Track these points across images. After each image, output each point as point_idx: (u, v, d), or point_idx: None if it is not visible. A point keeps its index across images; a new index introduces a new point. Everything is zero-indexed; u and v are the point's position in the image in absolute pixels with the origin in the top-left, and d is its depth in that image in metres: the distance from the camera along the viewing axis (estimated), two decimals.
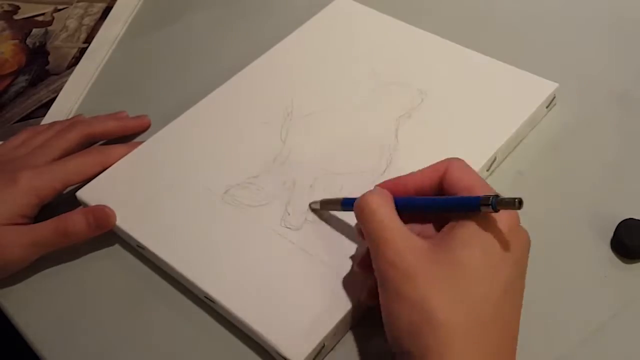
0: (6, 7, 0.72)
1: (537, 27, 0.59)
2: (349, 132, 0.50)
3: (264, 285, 0.42)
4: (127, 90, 0.61)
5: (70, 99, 0.60)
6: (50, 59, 0.65)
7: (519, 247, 0.35)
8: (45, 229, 0.45)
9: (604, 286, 0.41)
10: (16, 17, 0.71)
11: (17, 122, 0.59)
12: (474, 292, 0.33)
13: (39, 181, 0.47)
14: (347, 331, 0.41)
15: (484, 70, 0.53)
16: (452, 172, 0.37)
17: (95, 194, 0.48)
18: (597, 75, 0.54)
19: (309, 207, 0.45)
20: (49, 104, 0.60)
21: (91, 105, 0.60)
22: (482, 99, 0.50)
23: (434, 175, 0.38)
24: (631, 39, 0.57)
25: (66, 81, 0.62)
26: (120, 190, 0.48)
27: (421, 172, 0.39)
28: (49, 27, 0.69)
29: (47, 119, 0.59)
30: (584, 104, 0.52)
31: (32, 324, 0.44)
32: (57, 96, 0.61)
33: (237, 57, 0.58)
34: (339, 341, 0.41)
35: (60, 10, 0.71)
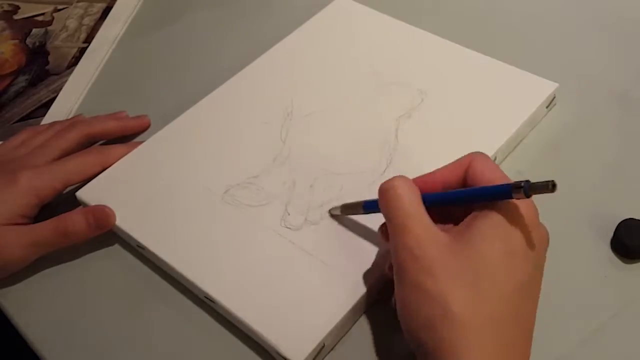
0: (6, 7, 0.72)
1: (537, 27, 0.59)
2: (349, 132, 0.50)
3: (264, 285, 0.42)
4: (127, 90, 0.61)
5: (70, 99, 0.60)
6: (50, 58, 0.65)
7: (538, 242, 0.35)
8: (45, 229, 0.45)
9: (604, 286, 0.41)
10: (16, 17, 0.71)
11: (17, 122, 0.59)
12: (492, 287, 0.33)
13: (38, 181, 0.47)
14: (347, 331, 0.41)
15: (484, 70, 0.53)
16: (476, 166, 0.37)
17: (95, 194, 0.48)
18: (597, 75, 0.54)
19: (328, 213, 0.45)
20: (48, 104, 0.60)
21: (91, 105, 0.60)
22: (482, 99, 0.50)
23: (459, 170, 0.38)
24: (631, 39, 0.57)
25: (66, 81, 0.62)
26: (120, 190, 0.48)
27: (446, 167, 0.38)
28: (49, 27, 0.69)
29: (47, 119, 0.59)
30: (584, 104, 0.52)
31: (32, 324, 0.44)
32: (57, 96, 0.61)
33: (237, 57, 0.58)
34: (339, 341, 0.41)
35: (60, 10, 0.71)
